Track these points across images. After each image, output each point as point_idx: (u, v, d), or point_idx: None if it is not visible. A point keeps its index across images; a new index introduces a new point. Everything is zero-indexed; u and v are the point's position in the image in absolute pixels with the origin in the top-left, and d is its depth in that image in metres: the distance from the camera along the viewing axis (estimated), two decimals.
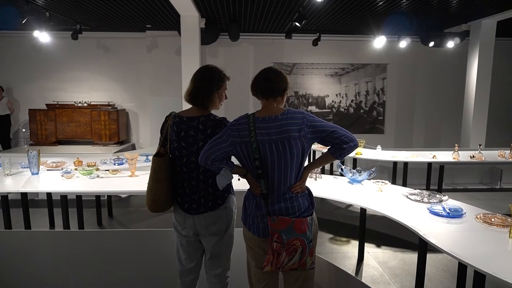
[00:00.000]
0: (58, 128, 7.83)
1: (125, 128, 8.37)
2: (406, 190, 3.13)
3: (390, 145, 8.64)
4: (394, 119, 8.86)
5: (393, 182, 5.11)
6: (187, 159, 1.98)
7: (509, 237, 2.19)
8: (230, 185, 2.07)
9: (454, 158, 4.76)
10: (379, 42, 7.12)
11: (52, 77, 8.31)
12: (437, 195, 2.94)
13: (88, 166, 3.94)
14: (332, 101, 8.67)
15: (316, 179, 3.55)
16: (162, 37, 7.99)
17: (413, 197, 2.92)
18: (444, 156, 4.94)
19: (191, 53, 6.45)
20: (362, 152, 4.95)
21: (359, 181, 3.39)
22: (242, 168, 1.89)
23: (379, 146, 4.92)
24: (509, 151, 4.88)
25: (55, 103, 8.00)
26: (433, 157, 4.79)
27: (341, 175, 3.66)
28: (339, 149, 1.83)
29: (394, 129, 8.89)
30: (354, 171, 3.43)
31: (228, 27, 7.27)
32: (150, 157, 4.41)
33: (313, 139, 1.84)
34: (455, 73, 8.41)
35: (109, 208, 4.58)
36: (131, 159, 3.62)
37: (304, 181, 1.92)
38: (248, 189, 1.94)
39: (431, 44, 7.16)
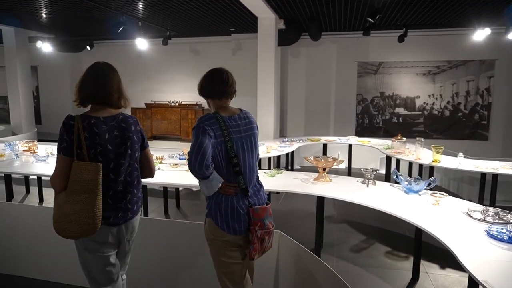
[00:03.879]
0: (153, 125, 8.78)
1: None
2: (468, 205, 2.68)
3: (496, 154, 7.43)
4: (502, 124, 7.59)
5: (480, 198, 4.39)
6: (115, 164, 1.82)
7: None
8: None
9: None
10: (481, 35, 6.18)
11: (151, 79, 9.34)
12: (508, 215, 2.44)
13: (156, 159, 4.34)
14: (424, 102, 7.84)
15: (368, 186, 3.28)
16: (246, 39, 8.29)
17: (473, 214, 2.48)
18: None
19: (267, 54, 6.55)
20: (441, 160, 4.35)
21: (416, 191, 3.01)
22: None
23: (460, 154, 4.28)
24: None
25: (153, 102, 8.97)
26: None
27: (396, 181, 3.31)
28: None
29: (502, 136, 7.62)
30: (411, 179, 3.06)
31: (308, 26, 7.16)
32: None
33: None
34: None
35: (177, 199, 4.95)
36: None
37: None
38: (218, 194, 1.90)
39: None
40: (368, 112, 8.15)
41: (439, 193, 2.83)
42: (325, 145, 6.41)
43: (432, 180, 2.98)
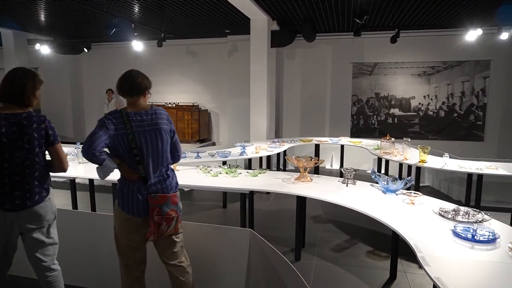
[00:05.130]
0: None
1: (206, 127, 8.99)
2: (441, 204, 2.69)
3: (492, 154, 7.40)
4: (498, 124, 7.55)
5: (467, 198, 4.38)
6: (9, 155, 2.03)
7: None
8: (50, 178, 2.23)
9: None
10: (473, 35, 6.17)
11: None
12: (478, 214, 2.46)
13: None
14: (419, 103, 7.82)
15: (347, 186, 3.30)
16: (241, 41, 8.33)
17: (444, 213, 2.50)
18: None
19: (260, 55, 6.59)
20: (428, 160, 4.36)
21: (393, 191, 3.03)
22: (116, 159, 2.15)
23: (446, 154, 4.27)
24: None
25: (150, 104, 9.04)
26: None
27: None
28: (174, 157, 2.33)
29: (497, 137, 7.58)
30: (388, 179, 3.08)
31: (302, 28, 7.19)
32: (202, 154, 4.68)
33: (170, 136, 2.27)
34: None
35: None
36: None
37: None
38: (122, 179, 2.19)
39: None
40: (364, 113, 8.16)
41: (414, 193, 2.85)
42: (317, 146, 6.44)
43: (408, 179, 3.00)
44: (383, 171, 5.68)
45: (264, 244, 2.33)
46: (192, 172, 3.84)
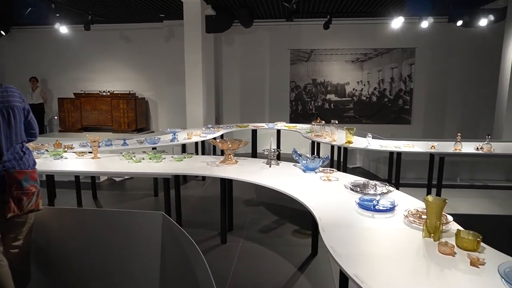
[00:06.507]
0: (83, 115, 8.35)
1: (144, 116, 8.66)
2: (352, 179, 2.81)
3: (418, 136, 7.94)
4: (422, 108, 8.10)
5: (389, 175, 4.66)
6: None
7: (423, 237, 1.85)
8: None
9: (455, 149, 4.20)
10: (397, 23, 6.50)
11: (81, 68, 8.86)
12: (385, 187, 2.59)
13: (66, 147, 4.13)
14: (353, 89, 8.15)
15: (270, 166, 3.34)
16: (178, 26, 8.06)
17: (353, 187, 2.61)
18: (445, 146, 4.38)
19: (194, 40, 6.44)
20: (353, 141, 4.55)
21: (312, 169, 3.11)
22: None
23: (369, 134, 4.49)
24: None
25: (82, 92, 8.52)
26: (431, 148, 4.27)
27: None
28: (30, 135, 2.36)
29: (423, 119, 8.13)
30: (308, 158, 3.15)
31: (238, 13, 7.13)
32: (130, 141, 4.49)
33: (24, 115, 2.28)
34: (494, 56, 7.42)
35: (93, 190, 4.76)
36: (93, 141, 3.70)
37: None
38: None
39: (459, 23, 6.37)
40: (302, 99, 8.33)
41: (329, 170, 2.94)
42: (254, 131, 6.47)
43: (325, 157, 3.09)
44: (315, 153, 5.84)
45: (176, 228, 2.27)
46: (114, 159, 3.67)
